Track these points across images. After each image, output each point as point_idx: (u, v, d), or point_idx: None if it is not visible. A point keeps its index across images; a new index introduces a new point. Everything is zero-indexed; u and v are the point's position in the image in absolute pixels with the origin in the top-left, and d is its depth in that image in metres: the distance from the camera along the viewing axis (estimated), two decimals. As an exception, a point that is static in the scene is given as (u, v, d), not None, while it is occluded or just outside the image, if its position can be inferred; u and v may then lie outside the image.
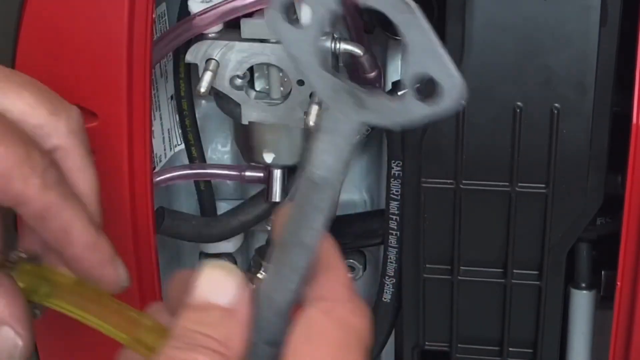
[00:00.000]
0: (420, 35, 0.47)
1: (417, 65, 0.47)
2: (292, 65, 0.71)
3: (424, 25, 0.47)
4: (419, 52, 0.47)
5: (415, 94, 0.48)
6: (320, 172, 0.50)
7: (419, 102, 0.48)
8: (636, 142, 0.64)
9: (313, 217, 0.51)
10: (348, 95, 0.50)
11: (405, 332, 0.76)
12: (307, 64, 0.50)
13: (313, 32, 0.50)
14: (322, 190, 0.51)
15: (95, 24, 0.66)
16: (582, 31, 0.65)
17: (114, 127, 0.67)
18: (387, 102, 0.49)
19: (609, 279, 0.73)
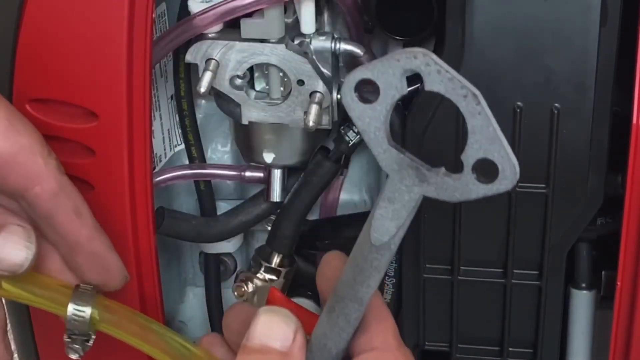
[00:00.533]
0: (483, 122, 0.51)
1: (479, 150, 0.52)
2: (290, 66, 0.71)
3: (488, 113, 0.51)
4: (481, 138, 0.51)
5: (475, 175, 0.52)
6: (380, 237, 0.55)
7: (478, 182, 0.52)
8: (636, 142, 0.64)
9: (370, 275, 0.56)
10: (411, 169, 0.54)
11: (405, 332, 0.76)
12: (375, 139, 0.54)
13: (382, 109, 0.53)
14: (380, 252, 0.55)
15: (95, 24, 0.66)
16: (582, 31, 0.65)
17: (114, 127, 0.67)
18: (448, 180, 0.53)
19: (609, 279, 0.73)
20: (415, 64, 0.52)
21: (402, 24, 0.72)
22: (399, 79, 0.53)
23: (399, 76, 0.53)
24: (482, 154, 0.52)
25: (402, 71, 0.53)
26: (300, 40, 0.73)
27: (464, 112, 0.52)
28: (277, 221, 0.80)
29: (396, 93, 0.53)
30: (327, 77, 0.73)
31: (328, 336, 0.57)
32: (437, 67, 0.52)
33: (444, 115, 0.68)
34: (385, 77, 0.53)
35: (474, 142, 0.52)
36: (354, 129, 0.76)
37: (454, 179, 0.53)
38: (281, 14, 0.71)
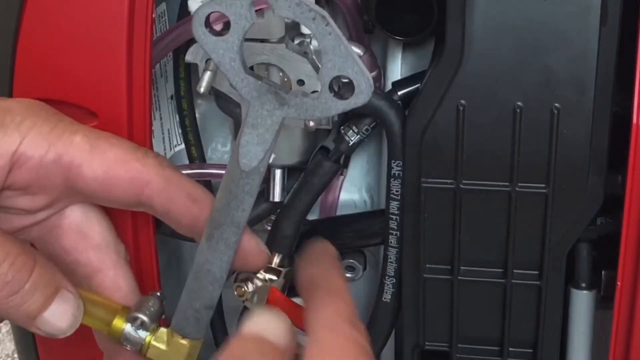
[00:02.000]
0: (334, 42, 0.54)
1: (333, 68, 0.55)
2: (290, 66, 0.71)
3: (337, 33, 0.54)
4: (334, 57, 0.55)
5: (331, 92, 0.55)
6: (249, 162, 0.57)
7: (335, 99, 0.55)
8: (636, 142, 0.64)
9: (243, 200, 0.59)
10: (271, 94, 0.57)
11: (405, 332, 0.76)
12: (231, 69, 0.57)
13: (235, 40, 0.56)
14: (250, 177, 0.58)
15: (95, 24, 0.66)
16: (582, 31, 0.65)
17: (114, 127, 0.67)
18: (307, 100, 0.56)
19: (609, 279, 0.73)
20: None
21: (402, 24, 0.72)
22: (247, 9, 0.55)
23: (247, 6, 0.55)
24: (336, 72, 0.55)
25: (250, 1, 0.55)
26: (300, 40, 0.73)
27: (315, 34, 0.54)
28: (277, 221, 0.80)
29: (246, 23, 0.55)
30: (327, 77, 0.73)
31: (210, 261, 0.61)
32: None
33: (444, 115, 0.68)
34: (234, 9, 0.55)
35: (327, 62, 0.55)
36: (354, 129, 0.76)
37: (313, 98, 0.56)
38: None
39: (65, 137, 0.60)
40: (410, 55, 0.78)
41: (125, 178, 0.60)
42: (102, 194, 0.61)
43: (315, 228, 0.82)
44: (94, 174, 0.60)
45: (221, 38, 0.56)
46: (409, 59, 0.78)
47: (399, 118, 0.72)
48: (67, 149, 0.60)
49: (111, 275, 0.63)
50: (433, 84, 0.69)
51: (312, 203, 0.79)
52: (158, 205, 0.62)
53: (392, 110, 0.73)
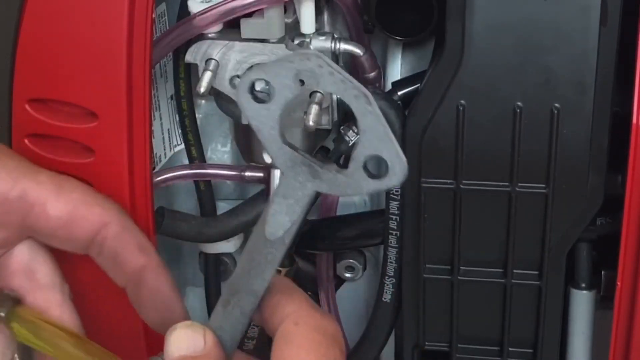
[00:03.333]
0: (373, 121, 0.54)
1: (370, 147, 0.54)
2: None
3: (377, 113, 0.54)
4: (372, 136, 0.54)
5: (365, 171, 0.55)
6: (275, 231, 0.57)
7: (368, 178, 0.55)
8: (636, 142, 0.64)
9: (265, 268, 0.58)
10: (304, 166, 0.57)
11: (405, 332, 0.76)
12: (269, 137, 0.57)
13: (276, 109, 0.56)
14: (274, 246, 0.57)
15: (95, 24, 0.66)
16: (582, 31, 0.65)
17: (114, 127, 0.67)
18: (340, 176, 0.56)
19: (609, 279, 0.73)
20: (309, 65, 0.55)
21: (402, 24, 0.72)
22: (292, 80, 0.55)
23: (292, 77, 0.55)
24: (372, 151, 0.54)
25: (295, 72, 0.55)
26: (300, 40, 0.73)
27: (356, 112, 0.54)
28: (277, 221, 0.80)
29: (289, 94, 0.55)
30: (327, 77, 0.73)
31: (224, 328, 0.59)
32: (330, 69, 0.54)
33: (444, 115, 0.68)
34: (280, 79, 0.55)
35: (365, 140, 0.54)
36: (354, 129, 0.76)
37: (346, 175, 0.55)
38: (281, 14, 0.71)
39: (30, 175, 0.61)
40: (410, 55, 0.78)
41: (88, 219, 0.61)
42: (62, 233, 0.61)
43: (315, 228, 0.82)
44: (59, 213, 0.61)
45: (264, 106, 0.56)
46: (409, 59, 0.78)
47: (399, 118, 0.72)
48: (33, 187, 0.60)
49: (57, 315, 0.63)
50: (433, 84, 0.69)
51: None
52: (109, 249, 0.62)
53: (392, 110, 0.73)
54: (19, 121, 0.69)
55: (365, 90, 0.54)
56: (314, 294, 0.87)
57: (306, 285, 0.87)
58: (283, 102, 0.56)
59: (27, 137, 0.69)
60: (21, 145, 0.69)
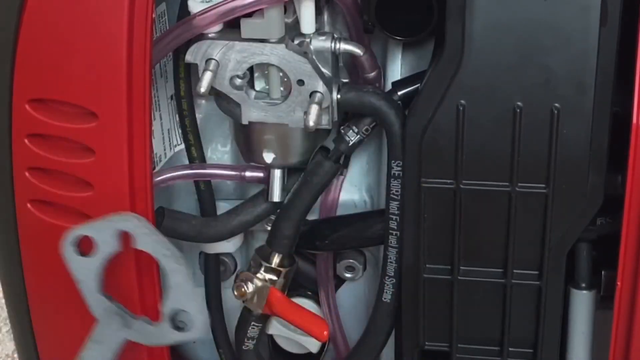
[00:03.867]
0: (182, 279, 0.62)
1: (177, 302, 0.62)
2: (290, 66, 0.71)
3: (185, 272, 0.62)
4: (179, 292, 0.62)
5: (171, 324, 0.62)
6: None
7: (174, 331, 0.63)
8: (636, 142, 0.64)
9: None
10: (117, 316, 0.64)
11: (405, 332, 0.76)
12: (87, 287, 0.64)
13: (97, 262, 0.63)
14: None
15: (95, 24, 0.66)
16: (582, 31, 0.65)
17: (114, 127, 0.67)
18: (148, 327, 0.64)
19: (609, 279, 0.73)
20: (128, 225, 0.63)
21: (402, 24, 0.72)
22: (112, 237, 0.63)
23: (112, 234, 0.63)
24: (179, 306, 0.62)
25: (115, 231, 0.63)
26: (300, 40, 0.73)
27: (167, 269, 0.62)
28: (277, 221, 0.80)
29: (111, 250, 0.63)
30: (327, 77, 0.73)
31: None
32: (146, 230, 0.63)
33: (444, 115, 0.68)
34: (102, 235, 0.63)
35: (173, 296, 0.62)
36: (354, 129, 0.76)
37: (154, 326, 0.63)
38: (281, 14, 0.71)
39: None
40: (410, 55, 0.78)
41: None
42: None
43: (315, 228, 0.82)
44: None
45: (86, 259, 0.63)
46: (409, 59, 0.78)
47: (399, 118, 0.72)
48: None
49: None
50: (433, 84, 0.69)
51: (312, 203, 0.79)
52: None
53: (392, 110, 0.73)
54: (19, 121, 0.69)
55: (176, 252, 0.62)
56: (314, 293, 0.87)
57: (306, 285, 0.87)
58: (104, 256, 0.63)
59: (27, 137, 0.69)
60: (21, 145, 0.69)
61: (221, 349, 0.88)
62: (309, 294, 0.87)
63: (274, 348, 0.90)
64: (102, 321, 0.64)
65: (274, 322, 0.84)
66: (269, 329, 0.85)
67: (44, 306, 0.76)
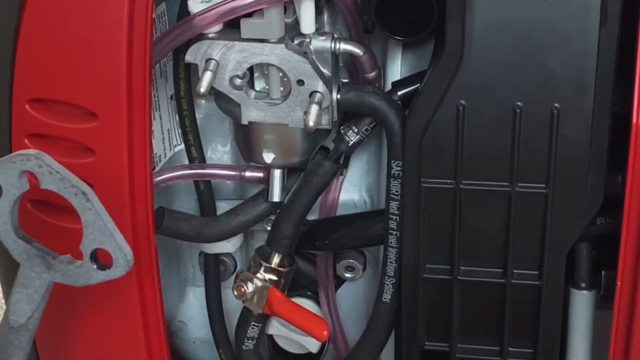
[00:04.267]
0: (94, 217, 0.60)
1: (94, 241, 0.61)
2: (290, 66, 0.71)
3: (97, 208, 0.60)
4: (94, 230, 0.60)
5: (93, 263, 0.61)
6: (18, 319, 0.63)
7: (97, 270, 0.62)
8: (636, 142, 0.64)
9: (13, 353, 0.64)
10: (39, 258, 0.63)
11: (405, 332, 0.76)
12: (3, 231, 0.63)
13: (6, 205, 0.62)
14: (19, 333, 0.63)
15: (95, 24, 0.66)
16: (582, 31, 0.65)
17: (114, 127, 0.67)
18: (71, 268, 0.62)
19: (609, 279, 0.73)
20: (29, 165, 0.61)
21: (402, 24, 0.72)
22: (17, 178, 0.61)
23: (17, 176, 0.61)
24: (97, 245, 0.61)
25: (19, 172, 0.61)
26: (300, 40, 0.73)
27: (77, 208, 0.60)
28: (277, 221, 0.80)
29: (17, 191, 0.61)
30: (327, 77, 0.73)
31: None
32: (49, 169, 0.60)
33: (444, 115, 0.68)
34: (5, 177, 0.61)
35: (88, 234, 0.61)
36: (354, 129, 0.76)
37: (76, 266, 0.62)
38: (281, 14, 0.71)
39: None
40: (410, 55, 0.78)
41: None
42: None
43: (315, 228, 0.82)
44: None
45: None
46: (409, 59, 0.78)
47: (399, 118, 0.72)
48: None
49: None
50: (433, 84, 0.69)
51: (312, 203, 0.79)
52: None
53: (392, 110, 0.73)
54: (19, 121, 0.69)
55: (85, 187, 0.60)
56: (314, 293, 0.87)
57: (306, 285, 0.87)
58: (12, 198, 0.62)
59: (27, 137, 0.69)
60: (21, 146, 0.69)
61: (221, 349, 0.88)
62: (309, 294, 0.87)
63: (274, 348, 0.90)
64: (24, 265, 0.63)
65: (274, 322, 0.84)
66: (269, 329, 0.85)
67: (44, 306, 0.76)
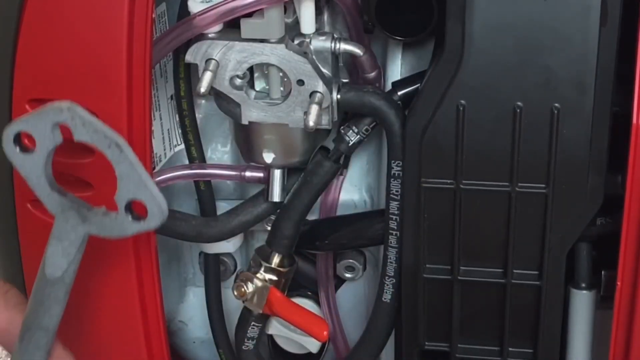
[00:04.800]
0: (128, 169, 0.59)
1: (129, 192, 0.60)
2: (290, 66, 0.71)
3: (132, 159, 0.59)
4: (128, 182, 0.60)
5: (128, 214, 0.60)
6: (53, 272, 0.62)
7: (131, 221, 0.61)
8: (636, 142, 0.64)
9: (50, 306, 0.63)
10: (74, 210, 0.62)
11: (405, 332, 0.76)
12: (37, 184, 0.62)
13: (41, 158, 0.61)
14: (55, 286, 0.62)
15: (95, 24, 0.66)
16: (582, 31, 0.65)
17: (114, 127, 0.67)
18: (106, 219, 0.61)
19: (609, 279, 0.73)
20: (63, 117, 0.59)
21: (402, 24, 0.72)
22: (50, 130, 0.60)
23: (50, 128, 0.60)
24: (131, 196, 0.60)
25: (52, 123, 0.60)
26: (300, 40, 0.73)
27: (111, 160, 0.59)
28: (277, 221, 0.80)
29: (50, 143, 0.60)
30: (327, 77, 0.73)
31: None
32: (82, 120, 0.59)
33: (444, 115, 0.68)
34: (39, 130, 0.60)
35: (123, 186, 0.60)
36: (354, 129, 0.76)
37: (111, 218, 0.61)
38: (281, 14, 0.71)
39: None
40: (410, 55, 0.78)
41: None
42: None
43: (315, 228, 0.82)
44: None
45: (29, 156, 0.61)
46: (409, 59, 0.78)
47: (399, 118, 0.72)
48: None
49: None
50: (433, 84, 0.69)
51: (312, 203, 0.79)
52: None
53: (392, 110, 0.73)
54: (19, 121, 0.69)
55: (119, 139, 0.59)
56: (314, 293, 0.87)
57: (306, 285, 0.87)
58: (45, 151, 0.61)
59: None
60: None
61: (221, 349, 0.88)
62: (309, 294, 0.87)
63: (274, 348, 0.90)
64: (59, 217, 0.62)
65: (274, 322, 0.84)
66: (269, 329, 0.85)
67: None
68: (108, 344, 0.75)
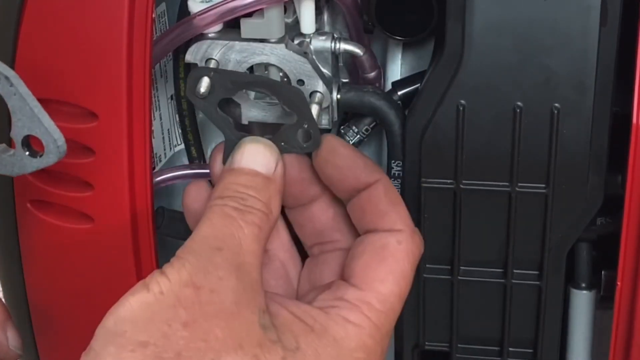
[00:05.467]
0: (20, 102, 0.57)
1: (23, 128, 0.58)
2: (290, 66, 0.71)
3: (23, 93, 0.57)
4: (22, 117, 0.58)
5: (25, 150, 0.58)
6: None
7: (29, 157, 0.59)
8: (636, 142, 0.64)
9: None
10: None
11: (405, 332, 0.76)
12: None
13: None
14: None
15: (95, 24, 0.66)
16: (582, 31, 0.65)
17: (114, 127, 0.67)
18: (5, 157, 0.59)
19: (609, 279, 0.73)
20: None
21: (402, 24, 0.72)
22: None
23: None
24: (26, 131, 0.58)
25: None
26: (300, 40, 0.73)
27: (3, 94, 0.57)
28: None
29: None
30: (327, 77, 0.73)
31: None
32: None
33: (444, 115, 0.68)
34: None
35: (17, 121, 0.58)
36: (354, 129, 0.76)
37: (10, 155, 0.59)
38: (281, 14, 0.71)
39: None
40: (410, 55, 0.78)
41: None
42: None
43: (315, 228, 0.82)
44: None
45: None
46: (409, 59, 0.78)
47: (399, 118, 0.72)
48: None
49: None
50: (433, 84, 0.69)
51: (312, 203, 0.79)
52: None
53: (392, 110, 0.73)
54: (19, 121, 0.69)
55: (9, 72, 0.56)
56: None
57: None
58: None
59: (27, 137, 0.69)
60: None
61: (221, 349, 0.88)
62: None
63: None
64: None
65: (274, 322, 0.84)
66: (269, 329, 0.85)
67: (43, 306, 0.76)
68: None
